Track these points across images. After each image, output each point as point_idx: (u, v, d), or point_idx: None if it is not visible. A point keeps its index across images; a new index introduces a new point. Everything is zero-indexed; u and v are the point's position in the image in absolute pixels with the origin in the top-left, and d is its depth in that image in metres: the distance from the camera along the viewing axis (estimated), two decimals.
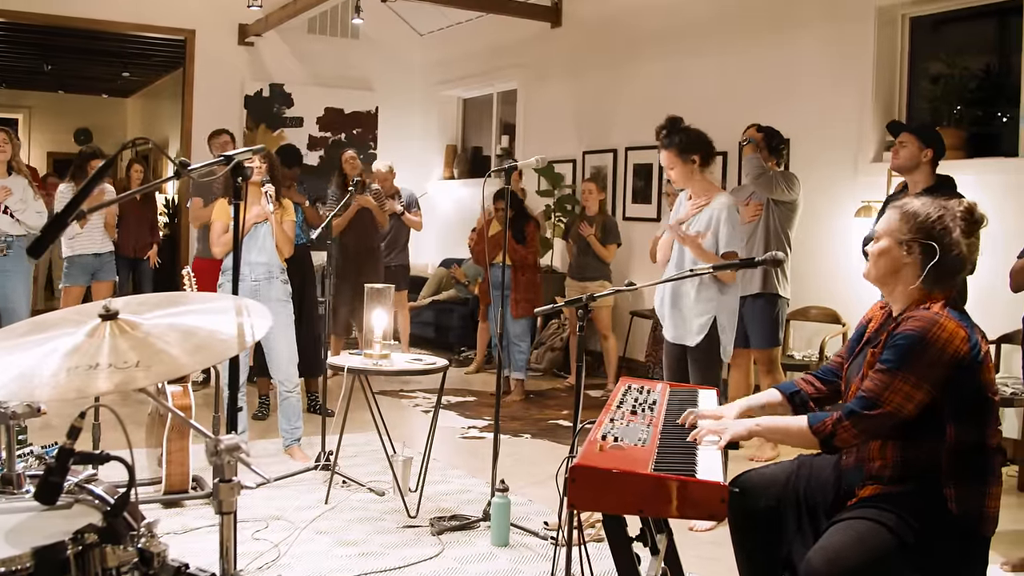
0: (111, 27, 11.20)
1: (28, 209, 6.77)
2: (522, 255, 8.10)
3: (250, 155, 2.54)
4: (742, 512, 2.99)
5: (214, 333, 2.25)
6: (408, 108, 12.75)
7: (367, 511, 5.04)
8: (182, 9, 11.17)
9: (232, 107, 11.55)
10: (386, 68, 12.60)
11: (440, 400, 5.28)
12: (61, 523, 2.11)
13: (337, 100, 12.23)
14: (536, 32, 10.65)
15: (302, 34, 11.97)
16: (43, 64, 15.22)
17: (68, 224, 2.17)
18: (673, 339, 5.09)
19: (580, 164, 10.03)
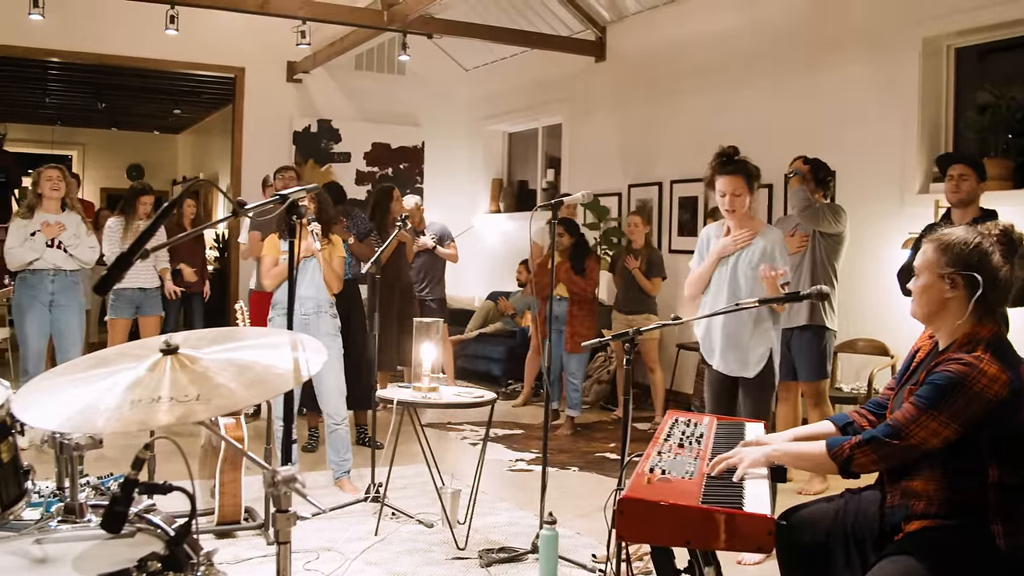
0: (163, 66, 11.44)
1: (81, 244, 6.91)
2: (581, 287, 8.10)
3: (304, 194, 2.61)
4: (790, 545, 2.99)
5: (270, 367, 2.31)
6: (454, 143, 12.86)
7: (416, 543, 5.07)
8: (232, 48, 11.38)
9: (281, 143, 11.73)
10: (432, 103, 12.74)
11: (488, 433, 5.32)
12: (126, 551, 2.17)
13: (384, 135, 12.37)
14: (580, 66, 10.73)
15: (349, 71, 12.14)
16: (97, 102, 15.52)
17: (134, 262, 2.25)
18: (727, 372, 5.07)
19: (626, 197, 10.07)
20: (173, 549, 2.07)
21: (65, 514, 2.82)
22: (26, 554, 2.26)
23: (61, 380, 2.41)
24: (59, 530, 2.49)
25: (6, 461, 2.80)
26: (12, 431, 2.84)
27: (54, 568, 2.16)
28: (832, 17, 7.74)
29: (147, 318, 7.84)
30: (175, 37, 9.24)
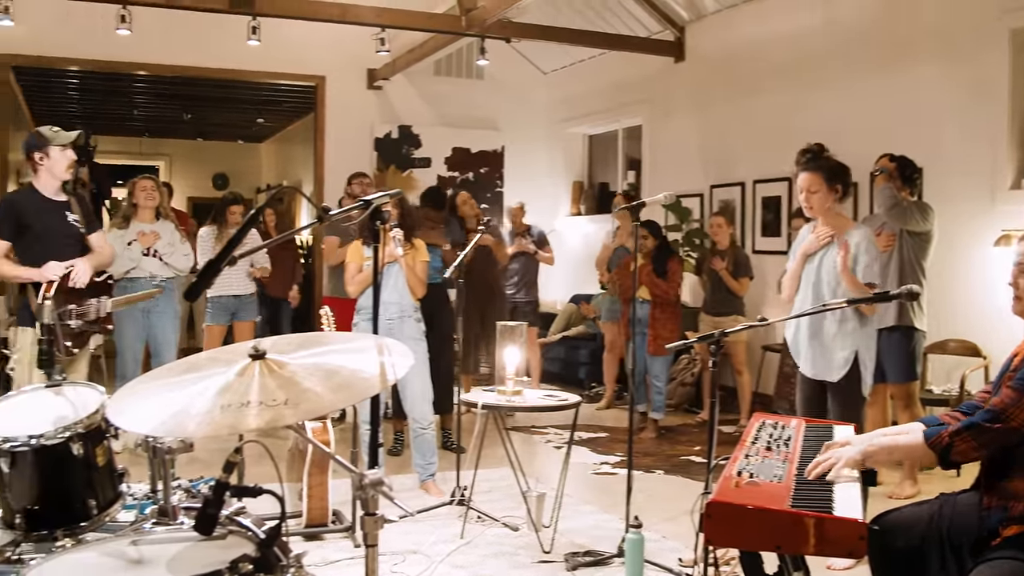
0: (246, 76, 11.64)
1: (175, 252, 7.05)
2: (664, 289, 8.06)
3: (388, 199, 2.63)
4: (883, 551, 2.93)
5: (356, 372, 2.32)
6: (534, 146, 12.87)
7: (502, 546, 5.08)
8: (313, 57, 11.52)
9: (363, 150, 11.85)
10: (511, 107, 12.77)
11: (573, 436, 5.31)
12: (218, 553, 2.21)
13: (464, 140, 12.44)
14: (659, 67, 10.67)
15: (429, 76, 12.21)
16: (183, 114, 15.83)
17: (222, 269, 2.28)
18: (812, 375, 4.98)
19: (707, 198, 9.98)
20: (264, 551, 2.10)
21: (159, 516, 2.89)
22: (122, 555, 2.31)
23: (153, 385, 2.45)
24: (153, 532, 2.54)
25: (101, 464, 2.87)
26: (107, 435, 2.91)
27: (149, 569, 2.20)
28: (911, 13, 7.60)
29: (242, 324, 7.97)
30: (257, 48, 9.40)
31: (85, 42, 10.51)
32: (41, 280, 5.01)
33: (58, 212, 5.30)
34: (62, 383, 3.16)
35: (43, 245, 5.17)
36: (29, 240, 5.22)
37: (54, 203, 5.31)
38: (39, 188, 5.32)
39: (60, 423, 2.81)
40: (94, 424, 2.85)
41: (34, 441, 2.76)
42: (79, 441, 2.79)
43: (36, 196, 5.31)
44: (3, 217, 5.27)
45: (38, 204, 5.28)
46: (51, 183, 5.30)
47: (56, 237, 5.23)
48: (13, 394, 3.24)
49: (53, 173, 5.25)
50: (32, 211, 5.23)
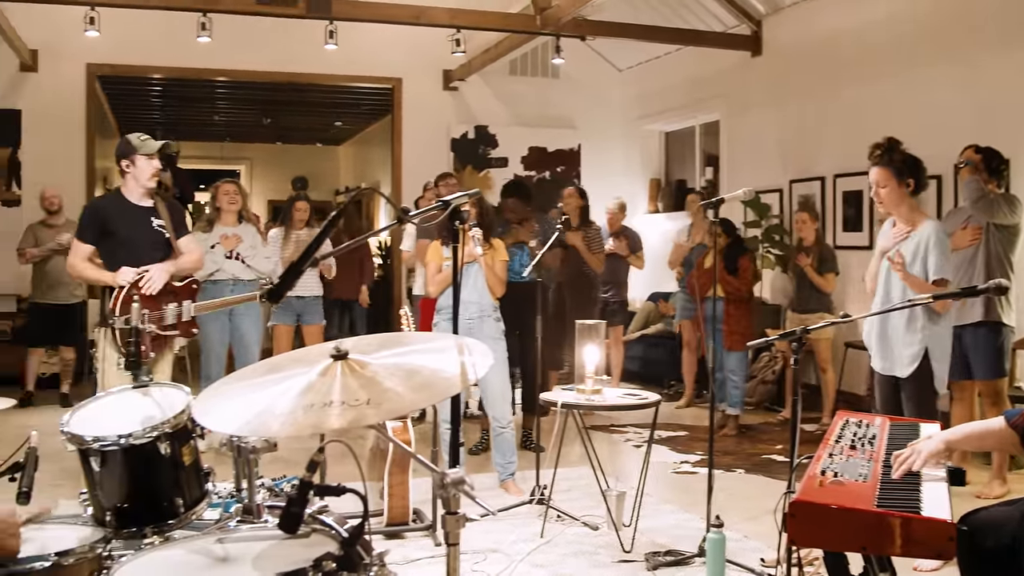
0: (324, 80, 11.80)
1: (257, 255, 7.16)
2: (735, 287, 8.00)
3: (467, 199, 2.64)
4: (973, 552, 2.86)
5: (437, 371, 2.33)
6: (610, 144, 12.83)
7: (582, 545, 5.07)
8: (389, 59, 11.63)
9: (439, 150, 11.93)
10: (587, 105, 12.74)
11: (653, 435, 5.28)
12: (302, 551, 2.23)
13: (540, 139, 12.45)
14: (736, 62, 10.57)
15: (504, 76, 12.25)
16: (263, 118, 16.08)
17: (304, 271, 2.31)
18: (882, 370, 4.91)
19: (787, 193, 9.85)
20: (347, 550, 2.12)
21: (243, 514, 2.93)
22: (209, 553, 2.35)
23: (237, 386, 2.49)
24: (238, 530, 2.58)
25: (188, 464, 2.92)
26: (193, 435, 2.96)
27: (235, 567, 2.24)
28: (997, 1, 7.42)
29: (310, 327, 8.04)
30: (334, 51, 9.51)
31: (166, 50, 10.75)
32: (114, 285, 5.12)
33: (144, 218, 5.38)
34: (149, 384, 3.23)
35: (127, 250, 5.25)
36: (113, 245, 5.30)
37: (140, 209, 5.39)
38: (125, 194, 5.41)
39: (148, 423, 2.87)
40: (180, 424, 2.90)
41: (123, 440, 2.82)
42: (166, 441, 2.84)
43: (122, 202, 5.39)
44: (87, 222, 5.37)
45: (123, 210, 5.36)
46: (136, 189, 5.38)
47: (140, 242, 5.30)
48: (102, 395, 3.31)
49: (138, 180, 5.33)
50: (117, 217, 5.32)
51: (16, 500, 2.68)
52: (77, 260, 5.34)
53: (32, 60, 10.70)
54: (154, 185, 5.42)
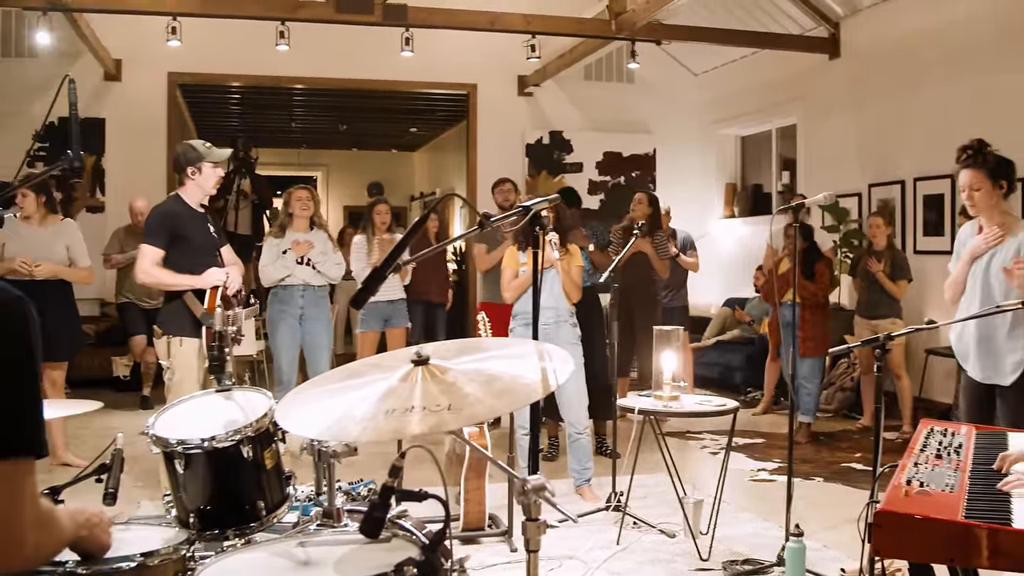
0: (399, 87, 11.91)
1: (328, 261, 7.21)
2: (811, 292, 7.90)
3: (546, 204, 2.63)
4: None
5: (517, 377, 2.32)
6: (686, 148, 12.75)
7: (658, 552, 5.04)
8: (465, 65, 11.69)
9: (514, 156, 11.96)
10: (662, 110, 12.68)
11: (731, 442, 5.23)
12: (383, 556, 2.24)
13: (615, 144, 12.41)
14: (813, 64, 10.43)
15: (579, 81, 12.24)
16: (339, 125, 16.24)
17: (387, 276, 2.32)
18: (981, 379, 4.77)
19: (865, 197, 9.70)
20: (428, 555, 2.12)
21: (323, 518, 2.95)
22: (291, 556, 2.37)
23: (319, 391, 2.51)
24: (320, 533, 2.60)
25: (270, 467, 2.96)
26: (275, 439, 3.00)
27: (317, 570, 2.25)
28: None
29: (394, 330, 8.06)
30: (410, 58, 9.58)
31: (245, 58, 10.92)
32: (202, 287, 5.09)
33: (203, 223, 5.39)
34: (232, 388, 3.27)
35: (196, 255, 5.23)
36: (182, 250, 5.24)
37: (199, 215, 5.40)
38: (185, 199, 5.36)
39: (231, 427, 2.91)
40: (263, 428, 2.94)
41: (206, 444, 2.87)
42: (249, 444, 2.88)
43: (186, 207, 5.35)
44: (159, 227, 5.28)
45: (189, 216, 5.34)
46: (197, 196, 5.36)
47: (206, 247, 5.31)
48: (186, 398, 3.36)
49: (202, 187, 5.32)
50: (186, 223, 5.30)
51: (103, 501, 2.72)
52: (150, 264, 5.20)
53: (116, 70, 10.95)
54: (214, 192, 5.48)
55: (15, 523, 1.70)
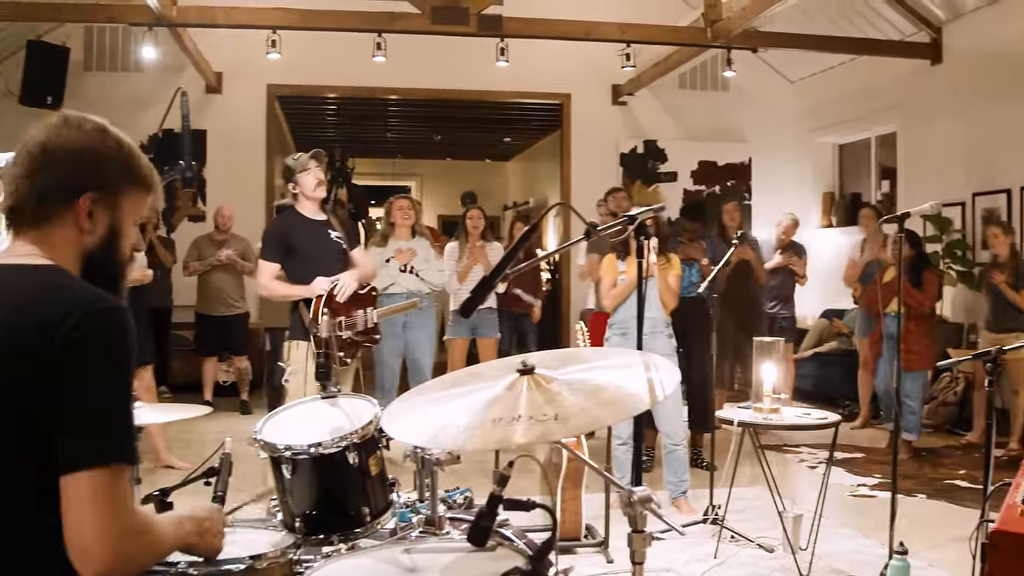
0: (494, 96, 11.97)
1: (431, 268, 7.27)
2: (918, 301, 7.69)
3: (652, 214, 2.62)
4: None
5: (623, 388, 2.30)
6: (782, 157, 12.58)
7: (756, 567, 4.97)
8: (559, 75, 11.71)
9: (608, 165, 11.93)
10: (758, 118, 12.54)
11: (832, 456, 5.13)
12: (488, 565, 2.24)
13: (710, 153, 12.31)
14: (914, 70, 10.22)
15: (673, 90, 12.17)
16: (433, 135, 16.38)
17: (496, 285, 2.32)
18: None
19: (969, 207, 9.46)
20: (535, 565, 2.11)
21: (425, 525, 2.97)
22: (397, 562, 2.39)
23: (424, 398, 2.52)
24: (425, 541, 2.62)
25: (375, 474, 2.98)
26: (380, 445, 3.02)
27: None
28: None
29: (485, 340, 8.08)
30: (505, 68, 9.62)
31: (342, 70, 11.08)
32: (310, 296, 5.27)
33: (321, 230, 5.57)
34: (337, 395, 3.31)
35: (310, 263, 5.43)
36: (297, 260, 5.49)
37: (316, 223, 5.58)
38: (300, 210, 5.60)
39: (336, 433, 2.94)
40: (368, 434, 2.96)
41: (313, 449, 2.90)
42: (354, 451, 2.90)
43: (299, 218, 5.58)
44: (272, 241, 5.57)
45: (302, 225, 5.55)
46: (308, 204, 5.58)
47: (321, 254, 5.48)
48: (292, 404, 3.41)
49: (306, 195, 5.53)
50: (297, 232, 5.51)
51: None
52: (265, 279, 5.54)
53: (217, 83, 11.20)
54: (321, 195, 5.59)
55: (109, 532, 1.70)
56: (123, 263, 2.04)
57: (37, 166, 1.88)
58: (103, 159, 1.93)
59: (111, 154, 1.95)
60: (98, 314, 1.76)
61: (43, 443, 1.71)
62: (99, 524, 1.69)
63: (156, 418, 3.25)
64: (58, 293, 1.79)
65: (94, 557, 1.70)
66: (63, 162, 1.89)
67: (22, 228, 1.91)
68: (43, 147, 1.89)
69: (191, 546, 2.07)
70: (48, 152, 1.88)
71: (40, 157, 1.88)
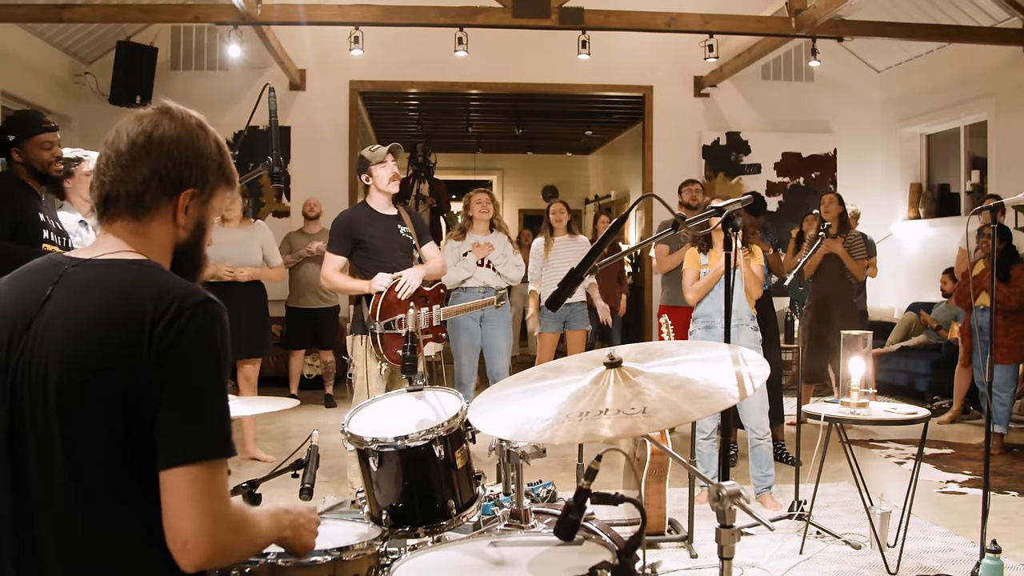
0: (575, 90, 11.92)
1: (508, 263, 7.27)
2: (1005, 295, 7.54)
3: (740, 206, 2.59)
4: None
5: (712, 382, 2.28)
6: (868, 148, 12.37)
7: (843, 564, 4.90)
8: (640, 67, 11.65)
9: (690, 157, 11.83)
10: (843, 108, 12.34)
11: (922, 452, 5.03)
12: (576, 559, 2.24)
13: (794, 144, 12.14)
14: (1006, 58, 9.96)
15: (756, 81, 12.03)
16: (514, 128, 16.39)
17: (583, 278, 2.32)
18: None
19: None
20: (624, 559, 2.10)
21: (510, 519, 2.98)
22: (484, 555, 2.40)
23: (509, 391, 2.53)
24: (511, 534, 2.62)
25: (460, 467, 2.99)
26: (466, 438, 3.04)
27: (511, 570, 2.27)
28: None
29: (574, 332, 8.08)
30: (586, 61, 9.59)
31: (423, 65, 11.16)
32: (370, 292, 5.37)
33: (391, 225, 5.62)
34: (423, 388, 3.33)
35: (378, 258, 5.51)
36: (365, 254, 5.57)
37: (387, 217, 5.64)
38: (371, 204, 5.67)
39: (423, 426, 2.96)
40: (454, 427, 2.98)
41: (399, 442, 2.92)
42: (441, 443, 2.92)
43: (369, 211, 5.66)
44: (339, 234, 5.64)
45: (371, 219, 5.62)
46: (380, 198, 5.65)
47: (389, 249, 5.55)
48: (380, 397, 3.44)
49: (379, 188, 5.60)
50: (366, 226, 5.58)
51: (299, 496, 2.81)
52: (331, 271, 5.62)
53: (300, 79, 11.34)
54: (394, 190, 5.65)
55: (207, 525, 1.73)
56: (205, 258, 2.08)
57: (141, 157, 1.90)
58: (204, 157, 1.96)
59: (211, 153, 1.98)
60: (195, 308, 1.78)
61: (141, 437, 1.75)
62: (198, 518, 1.72)
63: (246, 410, 3.29)
64: (154, 288, 1.81)
65: (193, 549, 1.73)
66: (168, 156, 1.91)
67: (117, 219, 1.93)
68: (148, 138, 1.90)
69: (285, 540, 2.10)
70: (153, 143, 1.90)
71: (144, 148, 1.90)
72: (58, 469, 1.77)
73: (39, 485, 1.79)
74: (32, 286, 1.88)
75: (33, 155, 4.46)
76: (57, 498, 1.78)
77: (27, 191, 4.49)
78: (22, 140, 4.46)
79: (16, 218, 4.34)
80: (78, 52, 10.86)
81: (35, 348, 1.80)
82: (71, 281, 1.85)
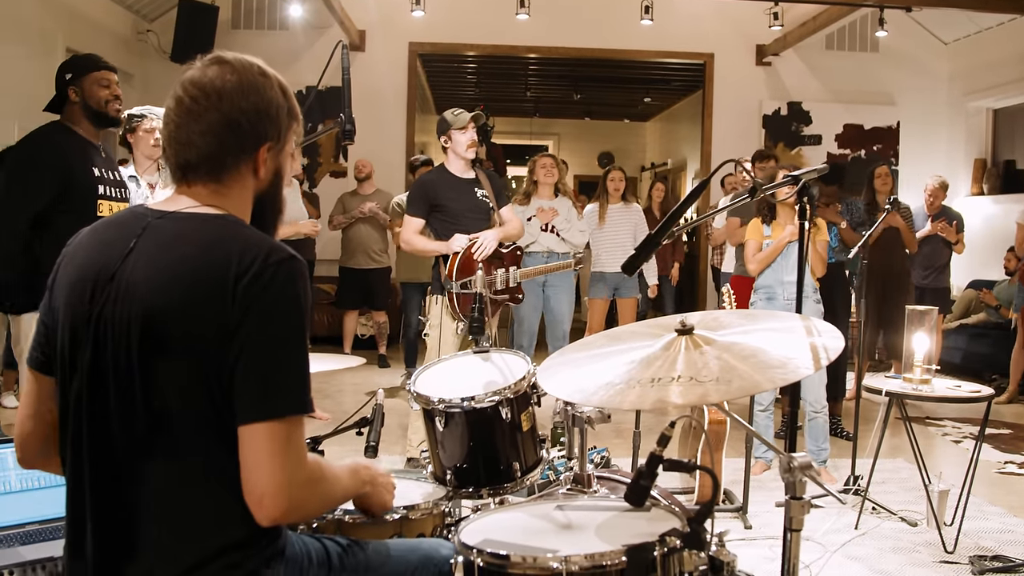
0: (635, 56, 11.83)
1: (572, 228, 7.25)
2: None
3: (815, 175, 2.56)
4: None
5: (784, 352, 2.26)
6: (932, 121, 12.16)
7: (899, 541, 4.86)
8: (702, 34, 11.52)
9: (751, 127, 11.72)
10: (908, 80, 12.14)
11: (984, 431, 4.96)
12: (645, 525, 2.24)
13: (856, 116, 11.97)
14: None
15: (820, 51, 11.87)
16: (573, 94, 16.32)
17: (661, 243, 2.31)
18: None
19: None
20: (695, 527, 2.10)
21: (573, 483, 2.98)
22: (552, 519, 2.40)
23: (578, 356, 2.53)
24: (576, 498, 2.63)
25: (526, 429, 3.01)
26: (531, 401, 3.04)
27: (580, 534, 2.26)
28: None
29: (624, 300, 8.07)
30: (648, 27, 9.54)
31: (482, 28, 11.12)
32: (448, 252, 5.44)
33: (468, 189, 5.67)
34: (489, 350, 3.34)
35: (456, 221, 5.55)
36: (442, 217, 5.62)
37: (463, 181, 5.69)
38: (449, 168, 5.72)
39: (490, 387, 2.97)
40: (521, 390, 2.98)
41: (466, 403, 2.93)
42: (507, 406, 2.93)
43: (446, 175, 5.71)
44: (417, 197, 5.70)
45: (448, 182, 5.67)
46: (457, 162, 5.70)
47: (467, 212, 5.59)
48: (447, 358, 3.46)
49: (456, 153, 5.65)
50: (443, 190, 5.63)
51: (364, 454, 2.83)
52: (409, 234, 5.67)
53: (360, 40, 11.34)
54: (472, 156, 5.68)
55: (284, 481, 1.74)
56: (283, 201, 2.09)
57: (214, 119, 1.88)
58: (275, 106, 1.95)
59: (279, 100, 1.97)
60: (279, 264, 1.79)
61: (221, 391, 1.76)
62: (275, 473, 1.74)
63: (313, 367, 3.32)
64: (238, 243, 1.81)
65: (269, 504, 1.75)
66: (238, 109, 1.89)
67: (197, 183, 1.93)
68: (220, 95, 1.89)
69: (364, 496, 2.11)
70: (224, 102, 1.88)
71: (216, 109, 1.88)
72: (139, 421, 1.79)
73: (120, 437, 1.81)
74: (115, 238, 1.89)
75: (90, 92, 4.42)
76: (137, 450, 1.80)
77: (79, 143, 4.44)
78: (79, 78, 4.42)
79: (63, 178, 4.31)
80: (140, 10, 10.93)
81: (119, 300, 1.81)
82: (155, 234, 1.86)
